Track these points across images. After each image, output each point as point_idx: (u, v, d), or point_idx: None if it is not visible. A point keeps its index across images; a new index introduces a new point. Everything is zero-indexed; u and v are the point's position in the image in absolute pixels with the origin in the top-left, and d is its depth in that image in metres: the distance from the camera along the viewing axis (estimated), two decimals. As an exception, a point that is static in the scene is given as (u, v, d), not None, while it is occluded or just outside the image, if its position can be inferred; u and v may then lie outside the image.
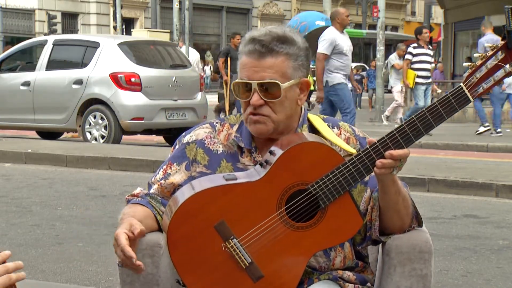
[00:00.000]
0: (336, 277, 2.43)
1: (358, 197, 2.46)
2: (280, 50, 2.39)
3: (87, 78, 13.04)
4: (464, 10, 28.29)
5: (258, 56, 2.39)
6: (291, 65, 2.41)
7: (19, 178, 9.78)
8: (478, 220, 7.48)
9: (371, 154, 2.28)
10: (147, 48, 14.18)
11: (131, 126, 13.03)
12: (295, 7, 48.62)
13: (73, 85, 13.15)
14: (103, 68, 13.00)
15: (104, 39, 13.94)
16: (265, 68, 2.38)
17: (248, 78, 2.40)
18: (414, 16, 59.53)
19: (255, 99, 2.39)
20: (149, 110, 13.00)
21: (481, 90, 2.28)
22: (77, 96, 13.10)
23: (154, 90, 13.12)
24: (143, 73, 13.02)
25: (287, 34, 2.42)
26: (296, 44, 2.42)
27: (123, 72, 12.89)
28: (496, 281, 5.35)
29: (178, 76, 13.61)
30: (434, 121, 2.28)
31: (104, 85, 12.93)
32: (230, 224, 2.27)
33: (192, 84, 13.95)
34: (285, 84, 2.39)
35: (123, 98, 12.87)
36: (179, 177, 2.51)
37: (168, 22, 30.48)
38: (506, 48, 2.26)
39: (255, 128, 2.43)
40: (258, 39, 2.39)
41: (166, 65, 13.92)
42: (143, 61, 13.43)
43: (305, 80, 2.46)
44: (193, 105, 13.76)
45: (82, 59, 13.44)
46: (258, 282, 2.28)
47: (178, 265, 2.29)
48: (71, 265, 5.55)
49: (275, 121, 2.41)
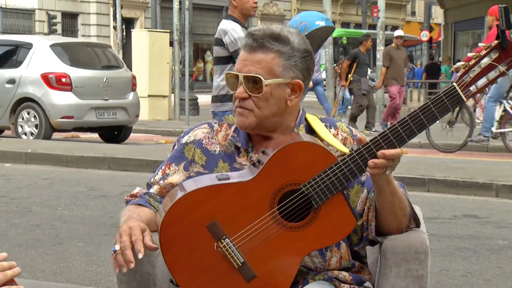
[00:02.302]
0: (332, 277, 2.42)
1: (355, 197, 2.45)
2: (271, 46, 2.39)
3: (19, 77, 13.73)
4: (464, 10, 28.29)
5: (249, 50, 2.40)
6: (281, 64, 2.40)
7: (19, 178, 9.78)
8: (478, 220, 7.48)
9: (363, 153, 2.28)
10: (80, 49, 14.99)
11: (61, 124, 13.76)
12: (295, 7, 48.57)
13: (6, 85, 13.82)
14: (35, 68, 13.67)
15: (36, 40, 14.63)
16: (254, 62, 2.39)
17: (238, 70, 2.42)
18: (414, 16, 59.48)
19: (239, 91, 2.41)
20: (79, 109, 13.69)
21: (475, 90, 2.28)
22: (10, 95, 13.79)
23: (85, 90, 13.81)
24: (74, 74, 13.70)
25: (283, 32, 2.41)
26: (290, 44, 2.41)
27: (54, 72, 13.57)
28: (496, 281, 5.35)
29: (110, 77, 14.30)
30: (427, 121, 2.28)
31: (36, 84, 13.62)
32: (222, 224, 2.27)
33: (123, 84, 14.62)
34: (268, 80, 2.38)
35: (53, 98, 13.57)
36: (177, 177, 2.51)
37: (168, 22, 30.44)
38: (500, 47, 2.25)
39: (237, 120, 2.45)
40: (252, 33, 2.41)
41: (98, 66, 14.63)
42: (75, 62, 14.10)
43: (297, 81, 2.43)
44: (124, 104, 14.43)
45: (16, 59, 14.17)
46: (251, 282, 2.28)
47: (171, 265, 2.29)
48: (71, 265, 5.56)
49: (257, 116, 2.41)
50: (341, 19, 51.91)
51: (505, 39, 2.24)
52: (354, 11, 50.82)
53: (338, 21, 49.65)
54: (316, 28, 6.04)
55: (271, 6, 48.99)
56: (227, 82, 2.47)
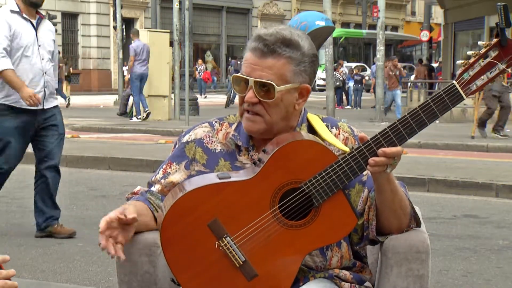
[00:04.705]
0: (332, 275, 2.43)
1: (356, 197, 2.45)
2: (282, 52, 2.37)
3: None
4: (464, 10, 28.27)
5: (260, 55, 2.38)
6: (292, 69, 2.39)
7: (19, 178, 9.77)
8: (478, 220, 7.48)
9: (364, 151, 2.27)
10: None
11: None
12: (295, 7, 48.59)
13: None
14: None
15: None
16: (264, 68, 2.37)
17: (247, 74, 2.40)
18: (414, 16, 59.51)
19: (249, 95, 2.39)
20: None
21: (475, 88, 2.27)
22: None
23: None
24: None
25: (294, 38, 2.39)
26: (301, 50, 2.39)
27: None
28: (496, 281, 5.36)
29: None
30: (427, 119, 2.27)
31: None
32: (223, 223, 2.27)
33: None
34: (280, 87, 2.37)
35: None
36: (178, 176, 2.51)
37: (168, 22, 30.46)
38: (499, 45, 2.25)
39: (246, 125, 2.44)
40: (263, 38, 2.38)
41: None
42: None
43: (305, 86, 2.43)
44: None
45: None
46: (252, 281, 2.28)
47: (172, 263, 2.29)
48: (71, 265, 5.56)
49: (267, 122, 2.41)
50: (341, 19, 51.95)
51: (504, 37, 2.24)
52: (354, 11, 50.85)
53: (338, 21, 49.69)
54: (316, 28, 6.03)
55: (271, 6, 49.01)
56: (234, 85, 2.46)
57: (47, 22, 6.42)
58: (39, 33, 6.24)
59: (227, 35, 46.81)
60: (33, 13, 6.23)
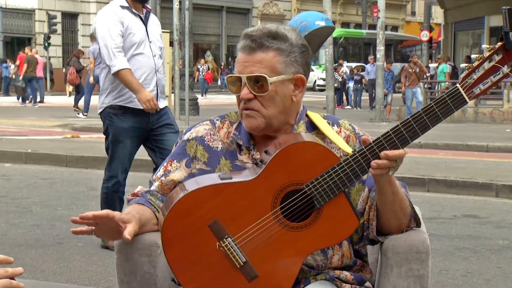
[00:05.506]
0: (333, 277, 2.43)
1: (356, 195, 2.45)
2: (270, 45, 2.39)
3: None
4: (464, 10, 28.30)
5: (249, 51, 2.40)
6: (282, 60, 2.40)
7: (19, 178, 9.78)
8: (478, 220, 7.48)
9: (366, 154, 2.27)
10: None
11: None
12: (295, 7, 48.60)
13: None
14: None
15: None
16: (255, 62, 2.39)
17: (239, 73, 2.41)
18: (414, 16, 59.51)
19: (244, 92, 2.40)
20: None
21: (478, 92, 2.27)
22: None
23: None
24: None
25: (279, 30, 2.42)
26: (288, 40, 2.41)
27: None
28: (496, 281, 5.36)
29: None
30: (430, 122, 2.27)
31: None
32: (224, 223, 2.27)
33: None
34: (273, 78, 2.38)
35: None
36: (179, 174, 2.52)
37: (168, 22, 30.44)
38: (503, 49, 2.25)
39: (246, 122, 2.44)
40: (249, 35, 2.41)
41: None
42: None
43: (299, 76, 2.44)
44: None
45: None
46: (253, 282, 2.28)
47: (172, 264, 2.29)
48: (71, 265, 5.56)
49: (265, 116, 2.41)
50: (341, 19, 51.96)
51: (508, 41, 2.24)
52: (354, 11, 50.86)
53: (338, 21, 49.70)
54: (316, 28, 6.03)
55: (271, 6, 49.02)
56: (230, 86, 2.46)
57: (154, 17, 6.01)
58: (149, 28, 5.84)
59: (227, 35, 46.81)
60: (140, 7, 5.81)
